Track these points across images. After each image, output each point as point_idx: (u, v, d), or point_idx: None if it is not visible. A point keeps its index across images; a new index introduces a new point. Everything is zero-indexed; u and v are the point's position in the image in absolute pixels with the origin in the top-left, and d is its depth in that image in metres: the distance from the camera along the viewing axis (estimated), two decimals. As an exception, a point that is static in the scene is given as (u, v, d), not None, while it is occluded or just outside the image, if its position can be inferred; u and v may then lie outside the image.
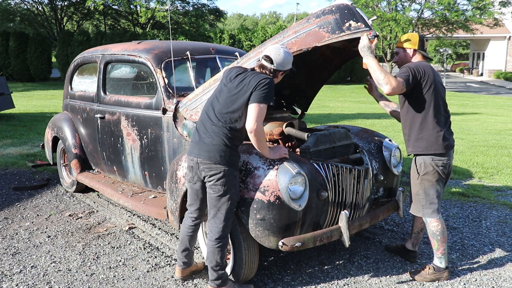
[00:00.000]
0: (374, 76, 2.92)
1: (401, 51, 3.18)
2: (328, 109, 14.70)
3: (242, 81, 2.74)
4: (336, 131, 3.35)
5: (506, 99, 20.73)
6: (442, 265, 3.13)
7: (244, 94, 2.70)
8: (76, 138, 4.87)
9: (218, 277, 2.84)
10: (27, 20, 32.50)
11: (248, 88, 2.70)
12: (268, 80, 2.71)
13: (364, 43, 2.91)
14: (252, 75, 2.75)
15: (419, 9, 27.55)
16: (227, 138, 2.71)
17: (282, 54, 2.78)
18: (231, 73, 2.85)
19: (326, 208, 3.00)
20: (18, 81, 25.33)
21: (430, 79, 3.00)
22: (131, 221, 4.27)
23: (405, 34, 3.23)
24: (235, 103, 2.72)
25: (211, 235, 2.79)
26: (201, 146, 2.74)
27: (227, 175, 2.69)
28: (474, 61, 40.37)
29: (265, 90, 2.67)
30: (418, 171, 3.11)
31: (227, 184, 2.70)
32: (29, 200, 4.92)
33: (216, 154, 2.69)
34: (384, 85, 2.88)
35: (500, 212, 4.55)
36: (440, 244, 3.09)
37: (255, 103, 2.67)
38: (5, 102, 10.70)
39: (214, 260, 2.80)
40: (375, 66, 2.91)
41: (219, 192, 2.71)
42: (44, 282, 3.14)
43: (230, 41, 27.06)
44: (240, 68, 2.89)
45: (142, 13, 28.62)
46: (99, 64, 4.47)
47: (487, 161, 6.80)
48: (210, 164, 2.70)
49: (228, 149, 2.71)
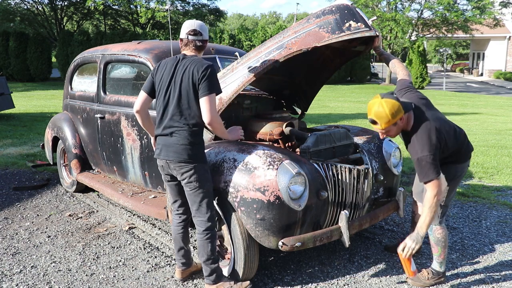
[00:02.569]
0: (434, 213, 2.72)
1: (393, 129, 2.75)
2: (328, 109, 14.70)
3: (183, 74, 2.74)
4: (336, 131, 3.35)
5: (506, 99, 20.74)
6: (442, 270, 3.09)
7: (191, 89, 2.72)
8: (76, 138, 4.87)
9: (211, 272, 2.86)
10: (27, 20, 32.53)
11: (192, 81, 2.71)
12: (210, 68, 2.71)
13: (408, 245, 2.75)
14: (190, 66, 2.74)
15: (419, 9, 27.57)
16: (190, 135, 2.75)
17: (198, 22, 2.83)
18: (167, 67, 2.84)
19: (326, 208, 3.00)
20: (18, 81, 25.34)
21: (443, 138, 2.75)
22: (131, 221, 4.27)
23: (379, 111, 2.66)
24: (188, 100, 2.74)
25: (199, 229, 2.84)
26: (168, 148, 2.78)
27: (198, 171, 2.75)
28: (474, 61, 40.39)
29: (211, 80, 2.70)
30: (446, 178, 2.93)
31: (200, 179, 2.76)
32: (29, 200, 4.92)
33: (184, 153, 2.73)
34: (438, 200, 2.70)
35: (500, 212, 4.55)
36: (442, 250, 3.04)
37: (205, 96, 2.69)
38: (5, 102, 10.71)
39: (205, 254, 2.83)
40: (426, 219, 2.72)
41: (195, 188, 2.77)
42: (44, 282, 3.14)
43: (230, 41, 27.08)
44: (173, 59, 2.86)
45: (142, 13, 28.65)
46: (99, 64, 4.47)
47: (487, 161, 6.81)
48: (180, 163, 2.75)
49: (195, 146, 2.76)
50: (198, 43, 2.81)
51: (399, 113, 2.67)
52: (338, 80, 27.74)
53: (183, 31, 2.83)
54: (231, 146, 3.02)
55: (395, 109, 2.65)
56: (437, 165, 2.67)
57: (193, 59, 2.77)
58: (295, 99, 4.19)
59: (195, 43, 2.81)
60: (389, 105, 2.65)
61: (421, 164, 2.67)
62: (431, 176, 2.66)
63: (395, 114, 2.66)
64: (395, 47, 30.25)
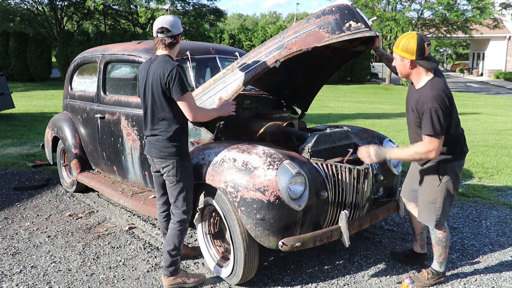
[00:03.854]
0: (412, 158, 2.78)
1: (398, 58, 2.82)
2: (328, 109, 14.70)
3: (153, 78, 2.80)
4: (336, 131, 3.35)
5: (506, 99, 20.74)
6: (441, 270, 3.08)
7: (160, 93, 2.78)
8: (76, 138, 4.87)
9: (171, 263, 2.97)
10: (27, 20, 32.51)
11: (161, 85, 2.75)
12: (174, 70, 2.72)
13: (372, 152, 2.82)
14: (157, 69, 2.77)
15: (419, 9, 27.58)
16: (170, 135, 2.84)
17: (166, 18, 2.81)
18: (142, 71, 2.92)
19: (326, 208, 3.00)
20: (18, 81, 25.33)
21: (452, 105, 2.71)
22: (131, 221, 4.27)
23: (403, 37, 2.79)
24: (161, 103, 2.81)
25: (173, 219, 2.96)
26: (151, 145, 2.93)
27: (178, 167, 2.86)
28: (474, 61, 40.38)
29: (179, 81, 2.73)
30: (440, 178, 2.87)
31: (179, 174, 2.87)
32: (29, 200, 4.92)
33: (165, 150, 2.86)
34: (427, 156, 2.69)
35: (500, 212, 4.55)
36: (443, 250, 3.02)
37: (180, 100, 2.76)
38: (5, 102, 10.72)
39: (172, 243, 2.94)
40: (403, 154, 2.78)
41: (173, 182, 2.89)
42: (44, 282, 3.14)
43: (230, 41, 27.09)
44: (147, 61, 2.92)
45: (142, 13, 28.61)
46: (99, 64, 4.47)
47: (487, 161, 6.81)
48: (161, 159, 2.89)
49: (175, 144, 2.85)
50: (168, 40, 2.81)
51: (408, 53, 2.72)
52: (338, 80, 27.74)
53: (153, 30, 2.85)
54: (231, 146, 3.02)
55: (409, 46, 2.71)
56: (442, 125, 2.62)
57: (160, 61, 2.79)
58: (295, 99, 4.19)
59: (164, 41, 2.81)
60: (412, 40, 2.71)
61: (430, 113, 2.62)
62: (435, 130, 2.62)
63: (405, 48, 2.72)
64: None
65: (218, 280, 3.14)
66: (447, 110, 2.67)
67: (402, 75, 2.89)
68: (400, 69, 2.86)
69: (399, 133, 9.59)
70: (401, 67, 2.83)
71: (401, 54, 2.77)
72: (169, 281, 2.99)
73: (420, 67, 2.77)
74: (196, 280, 3.05)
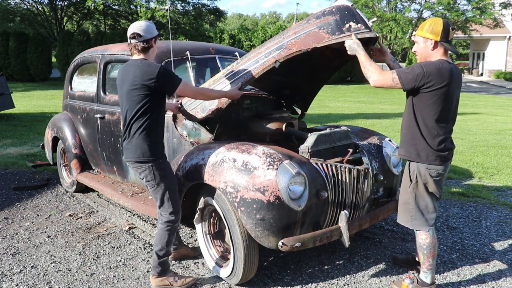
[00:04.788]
0: (363, 69, 2.83)
1: (421, 41, 2.80)
2: (328, 109, 14.70)
3: (125, 81, 2.81)
4: (336, 131, 3.35)
5: (506, 99, 20.73)
6: (427, 281, 2.92)
7: (131, 93, 2.78)
8: (76, 138, 4.88)
9: (159, 264, 2.97)
10: (27, 20, 32.49)
11: (133, 86, 2.75)
12: (161, 69, 2.75)
13: (349, 43, 2.89)
14: (129, 72, 2.79)
15: (419, 9, 27.57)
16: (143, 136, 2.82)
17: (137, 24, 2.83)
18: (118, 75, 2.95)
19: (326, 208, 3.00)
20: (18, 81, 25.31)
21: (441, 85, 2.66)
22: (131, 221, 4.27)
23: (428, 20, 2.81)
24: (133, 105, 2.80)
25: (161, 219, 2.95)
26: (126, 149, 2.91)
27: (155, 169, 2.85)
28: (474, 61, 40.35)
29: (169, 77, 2.79)
30: (411, 179, 2.86)
31: (157, 177, 2.86)
32: (29, 200, 4.93)
33: (139, 153, 2.84)
34: (370, 76, 2.78)
35: (500, 212, 4.55)
36: (426, 258, 2.88)
37: (178, 90, 2.81)
38: (5, 102, 10.71)
39: (160, 244, 2.93)
40: (363, 59, 2.83)
41: (154, 186, 2.88)
42: (44, 282, 3.14)
43: (230, 41, 27.08)
44: (123, 66, 2.93)
45: (142, 13, 28.61)
46: (99, 64, 4.47)
47: (487, 161, 6.81)
48: (136, 163, 2.88)
49: (148, 144, 2.83)
50: (141, 45, 2.82)
51: (434, 34, 2.73)
52: (338, 80, 27.72)
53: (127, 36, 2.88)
54: (231, 146, 3.02)
55: (435, 27, 2.74)
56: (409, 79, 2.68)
57: (140, 65, 2.78)
58: (295, 99, 4.19)
59: (137, 46, 2.83)
60: (438, 22, 2.75)
61: (413, 65, 2.73)
62: (400, 73, 2.71)
63: (431, 29, 2.75)
64: (395, 47, 30.23)
65: (218, 280, 3.14)
66: (427, 79, 2.66)
67: (421, 58, 2.86)
68: (421, 52, 2.83)
69: (399, 133, 9.57)
70: (423, 49, 2.81)
71: (425, 35, 2.77)
72: (157, 282, 2.99)
73: (441, 49, 2.77)
74: (184, 283, 3.02)
